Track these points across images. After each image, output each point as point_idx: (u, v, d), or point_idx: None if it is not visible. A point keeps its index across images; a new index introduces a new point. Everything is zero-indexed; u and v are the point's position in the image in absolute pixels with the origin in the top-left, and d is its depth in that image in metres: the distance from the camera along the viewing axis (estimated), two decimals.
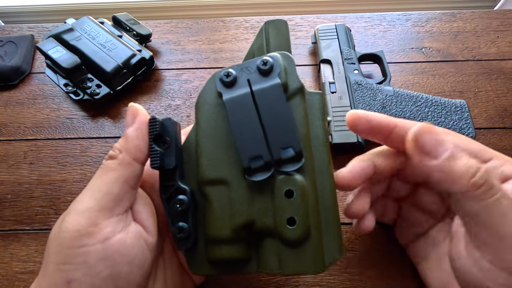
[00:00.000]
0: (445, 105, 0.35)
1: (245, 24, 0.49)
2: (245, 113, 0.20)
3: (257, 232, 0.21)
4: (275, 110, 0.20)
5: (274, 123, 0.20)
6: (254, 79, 0.21)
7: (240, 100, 0.21)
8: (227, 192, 0.21)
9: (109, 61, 0.39)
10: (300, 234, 0.19)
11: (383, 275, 0.30)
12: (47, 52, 0.38)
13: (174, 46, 0.47)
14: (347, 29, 0.43)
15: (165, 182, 0.22)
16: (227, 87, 0.22)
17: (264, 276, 0.30)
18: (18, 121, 0.41)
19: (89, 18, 0.44)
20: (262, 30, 0.25)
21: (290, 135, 0.20)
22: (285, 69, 0.22)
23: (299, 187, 0.20)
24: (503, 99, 0.40)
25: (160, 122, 0.22)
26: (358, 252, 0.31)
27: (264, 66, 0.21)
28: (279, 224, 0.20)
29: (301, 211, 0.20)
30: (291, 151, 0.20)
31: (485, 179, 0.18)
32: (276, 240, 0.20)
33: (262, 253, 0.21)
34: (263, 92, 0.21)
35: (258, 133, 0.20)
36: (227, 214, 0.21)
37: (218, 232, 0.21)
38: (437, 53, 0.44)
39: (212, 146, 0.22)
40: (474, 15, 0.47)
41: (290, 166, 0.20)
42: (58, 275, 0.18)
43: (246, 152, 0.20)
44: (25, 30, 0.49)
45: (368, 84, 0.38)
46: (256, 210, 0.20)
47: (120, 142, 0.22)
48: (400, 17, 0.48)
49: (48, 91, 0.43)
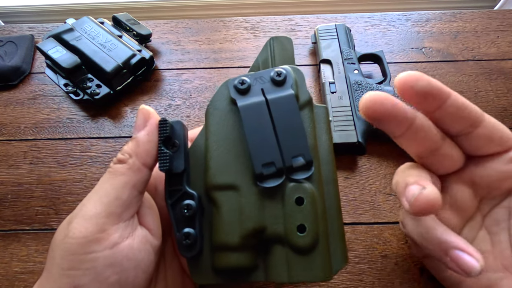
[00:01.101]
0: None
1: (245, 24, 0.49)
2: (259, 120, 0.21)
3: (266, 239, 0.21)
4: (288, 119, 0.21)
5: (287, 131, 0.21)
6: (267, 88, 0.22)
7: (255, 107, 0.21)
8: (237, 197, 0.21)
9: (109, 61, 0.39)
10: (310, 241, 0.20)
11: (383, 275, 0.30)
12: (47, 52, 0.38)
13: (174, 46, 0.47)
14: (347, 29, 0.43)
15: (172, 186, 0.22)
16: (241, 94, 0.22)
17: None
18: (18, 121, 0.41)
19: (89, 18, 0.44)
20: (267, 45, 0.26)
21: (301, 144, 0.20)
22: (296, 81, 0.23)
23: (309, 195, 0.20)
24: (503, 99, 0.40)
25: (170, 124, 0.22)
26: (358, 252, 0.31)
27: (278, 77, 0.22)
28: (289, 231, 0.20)
29: (311, 218, 0.20)
30: (302, 160, 0.20)
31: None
32: (285, 248, 0.20)
33: (271, 261, 0.21)
34: (277, 101, 0.21)
35: (271, 140, 0.21)
36: (237, 220, 0.20)
37: (227, 239, 0.20)
38: (437, 53, 0.44)
39: (223, 151, 0.22)
40: (474, 15, 0.47)
41: (301, 174, 0.21)
42: (64, 281, 0.18)
43: (259, 158, 0.20)
44: (25, 30, 0.49)
45: (368, 84, 0.38)
46: (266, 216, 0.21)
47: (130, 145, 0.21)
48: (400, 17, 0.48)
49: (48, 91, 0.43)
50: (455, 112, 0.19)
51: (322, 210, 0.21)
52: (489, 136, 0.21)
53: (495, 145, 0.21)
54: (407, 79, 0.19)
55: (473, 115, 0.20)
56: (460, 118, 0.20)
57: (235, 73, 0.44)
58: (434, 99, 0.19)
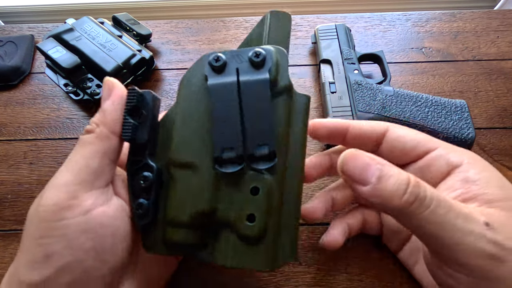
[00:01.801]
0: (445, 105, 0.35)
1: (245, 24, 0.49)
2: (227, 102, 0.20)
3: (217, 222, 0.21)
4: (257, 105, 0.20)
5: (254, 118, 0.20)
6: (243, 69, 0.21)
7: (225, 88, 0.20)
8: (194, 177, 0.21)
9: (109, 61, 0.39)
10: (257, 231, 0.20)
11: (383, 275, 0.30)
12: (47, 52, 0.38)
13: (174, 46, 0.47)
14: (347, 29, 0.43)
15: (134, 156, 0.22)
16: (214, 72, 0.21)
17: (264, 276, 0.30)
18: (18, 121, 0.41)
19: (89, 18, 0.44)
20: (264, 19, 0.24)
21: (267, 134, 0.20)
22: (277, 64, 0.21)
23: (266, 186, 0.20)
24: (503, 99, 0.40)
25: (139, 94, 0.22)
26: (358, 252, 0.31)
27: (256, 58, 0.20)
28: (238, 219, 0.20)
29: (263, 209, 0.20)
30: (266, 149, 0.20)
31: (416, 193, 0.17)
32: (233, 234, 0.20)
33: (218, 244, 0.21)
34: (250, 85, 0.20)
35: (236, 125, 0.20)
36: (189, 199, 0.21)
37: (177, 215, 0.20)
38: (437, 53, 0.44)
39: (188, 127, 0.21)
40: (474, 15, 0.47)
41: (262, 164, 0.20)
42: (36, 250, 0.17)
43: (220, 141, 0.20)
44: (25, 30, 0.49)
45: (368, 84, 0.38)
46: (220, 200, 0.20)
47: (97, 116, 0.21)
48: (400, 17, 0.48)
49: (48, 91, 0.43)
50: (356, 139, 0.23)
51: (277, 203, 0.20)
52: (390, 150, 0.23)
53: (400, 157, 0.23)
54: (312, 129, 0.24)
55: (373, 137, 0.23)
56: (361, 143, 0.23)
57: None
58: (336, 137, 0.24)
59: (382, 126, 0.23)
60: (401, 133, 0.23)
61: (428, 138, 0.22)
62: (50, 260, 0.17)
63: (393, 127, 0.23)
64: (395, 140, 0.23)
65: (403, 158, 0.23)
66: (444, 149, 0.21)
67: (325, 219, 0.33)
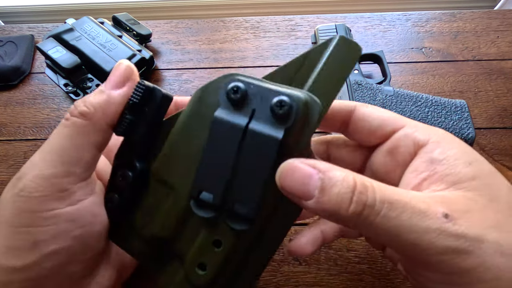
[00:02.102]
0: (445, 105, 0.35)
1: (245, 24, 0.49)
2: (224, 146, 0.18)
3: (172, 251, 0.20)
4: (256, 163, 0.17)
5: (247, 174, 0.17)
6: (261, 113, 0.17)
7: (229, 128, 0.17)
8: (168, 199, 0.20)
9: (109, 61, 0.39)
10: (203, 282, 0.19)
11: (383, 275, 0.30)
12: (47, 52, 0.38)
13: (174, 46, 0.47)
14: (347, 29, 0.43)
15: (123, 149, 0.21)
16: (229, 102, 0.18)
17: (264, 276, 0.30)
18: (18, 121, 0.41)
19: (89, 18, 0.44)
20: (329, 42, 0.20)
21: (254, 197, 0.17)
22: (305, 121, 0.18)
23: (230, 245, 0.18)
24: (503, 99, 0.40)
25: (148, 89, 0.20)
26: (358, 252, 0.31)
27: (278, 109, 0.17)
28: (191, 262, 0.19)
29: (217, 264, 0.19)
30: (245, 211, 0.18)
31: (364, 201, 0.15)
32: (181, 270, 0.20)
33: (168, 268, 0.20)
34: (257, 137, 0.17)
35: (224, 173, 0.18)
36: (156, 218, 0.20)
37: (141, 226, 0.20)
38: (437, 53, 0.44)
39: (182, 146, 0.20)
40: (474, 15, 0.47)
41: (236, 223, 0.18)
42: (19, 237, 0.17)
43: (201, 182, 0.18)
44: (25, 30, 0.49)
45: (368, 84, 0.38)
46: (182, 233, 0.20)
47: (98, 99, 0.19)
48: (400, 17, 0.48)
49: (48, 91, 0.43)
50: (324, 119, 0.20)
51: (237, 264, 0.19)
52: (357, 131, 0.21)
53: (367, 138, 0.21)
54: None
55: (339, 116, 0.22)
56: (329, 124, 0.22)
57: None
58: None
59: (349, 105, 0.21)
60: (366, 112, 0.21)
61: (394, 116, 0.21)
62: (37, 248, 0.17)
63: (360, 105, 0.21)
64: (361, 120, 0.21)
65: (370, 139, 0.21)
66: (410, 127, 0.20)
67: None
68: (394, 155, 0.20)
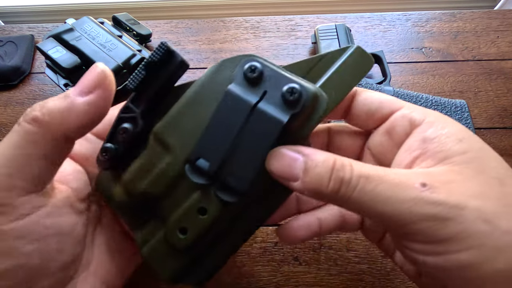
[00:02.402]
0: (445, 105, 0.35)
1: (245, 24, 0.49)
2: (231, 118, 0.18)
3: (155, 211, 0.20)
4: (257, 141, 0.18)
5: (246, 150, 0.18)
6: (271, 96, 0.18)
7: (239, 103, 0.18)
8: (164, 159, 0.20)
9: (109, 61, 0.39)
10: (182, 246, 0.19)
11: (383, 274, 0.30)
12: (47, 52, 0.38)
13: (174, 46, 0.46)
14: (347, 29, 0.43)
15: (131, 103, 0.20)
16: (244, 79, 0.18)
17: (264, 276, 0.30)
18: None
19: (89, 18, 0.44)
20: (347, 51, 0.21)
21: (247, 172, 0.18)
22: (311, 112, 0.19)
23: (215, 215, 0.19)
24: (503, 99, 0.40)
25: (168, 51, 0.20)
26: (358, 252, 0.31)
27: (289, 95, 0.17)
28: (173, 224, 0.19)
29: (199, 231, 0.19)
30: (237, 184, 0.18)
31: (340, 177, 0.16)
32: (163, 231, 0.20)
33: (146, 227, 0.21)
34: (263, 116, 0.18)
35: (225, 142, 0.18)
36: (148, 175, 0.20)
37: (130, 181, 0.20)
38: (437, 53, 0.44)
39: (189, 112, 0.20)
40: (474, 15, 0.47)
41: (226, 194, 0.19)
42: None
43: (201, 148, 0.19)
44: (25, 30, 0.49)
45: (368, 84, 0.38)
46: (170, 195, 0.20)
47: (57, 104, 0.16)
48: (400, 17, 0.48)
49: (48, 91, 0.43)
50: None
51: (217, 233, 0.20)
52: (357, 115, 0.22)
53: (366, 121, 0.22)
54: None
55: (341, 105, 0.21)
56: (333, 112, 0.21)
57: None
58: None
59: (352, 91, 0.22)
60: (366, 95, 0.21)
61: (392, 98, 0.21)
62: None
63: (361, 90, 0.22)
64: (360, 103, 0.21)
65: (369, 123, 0.22)
66: (408, 108, 0.20)
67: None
68: (391, 135, 0.21)
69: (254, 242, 0.32)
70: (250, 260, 0.31)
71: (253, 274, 0.30)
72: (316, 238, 0.32)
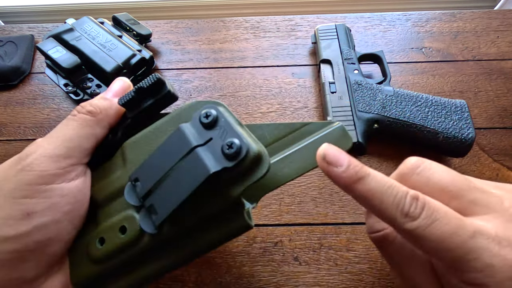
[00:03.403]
0: (445, 105, 0.35)
1: (245, 24, 0.49)
2: (171, 153, 0.19)
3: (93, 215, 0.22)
4: (183, 182, 0.18)
5: (171, 187, 0.19)
6: (215, 143, 0.19)
7: (182, 141, 0.19)
8: (117, 171, 0.22)
9: (109, 61, 0.39)
10: (95, 255, 0.20)
11: (383, 275, 0.30)
12: (47, 52, 0.38)
13: (174, 46, 0.47)
14: (347, 29, 0.43)
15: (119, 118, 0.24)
16: (199, 122, 0.20)
17: (264, 276, 0.30)
18: (18, 121, 0.41)
19: (89, 18, 0.43)
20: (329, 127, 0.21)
21: (164, 210, 0.19)
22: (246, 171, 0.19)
23: (131, 238, 0.20)
24: (503, 99, 0.40)
25: (160, 82, 0.22)
26: (358, 252, 0.31)
27: (226, 148, 0.18)
28: (96, 232, 0.21)
29: (114, 247, 0.20)
30: (155, 215, 0.19)
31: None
32: (86, 237, 0.21)
33: (83, 229, 0.22)
34: (195, 160, 0.18)
35: (158, 174, 0.19)
36: (98, 181, 0.22)
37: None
38: (437, 53, 0.44)
39: (152, 137, 0.22)
40: (474, 15, 0.47)
41: (146, 223, 0.19)
42: (15, 208, 0.19)
43: (141, 171, 0.20)
44: (25, 30, 0.49)
45: (368, 84, 0.38)
46: (108, 205, 0.22)
47: (103, 103, 0.23)
48: (400, 17, 0.48)
49: (48, 91, 0.43)
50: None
51: (129, 261, 0.20)
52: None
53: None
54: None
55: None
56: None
57: (235, 73, 0.44)
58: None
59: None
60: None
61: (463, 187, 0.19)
62: (30, 218, 0.19)
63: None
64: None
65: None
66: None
67: (325, 220, 0.33)
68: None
69: (254, 242, 0.32)
70: (250, 260, 0.31)
71: (253, 274, 0.30)
72: (316, 238, 0.32)
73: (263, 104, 0.41)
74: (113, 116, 0.23)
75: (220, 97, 0.42)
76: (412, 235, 0.17)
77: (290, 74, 0.43)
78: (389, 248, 0.22)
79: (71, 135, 0.21)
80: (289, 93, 0.42)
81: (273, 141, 0.22)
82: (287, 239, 0.32)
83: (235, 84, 0.43)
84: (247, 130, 0.20)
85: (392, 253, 0.22)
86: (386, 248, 0.22)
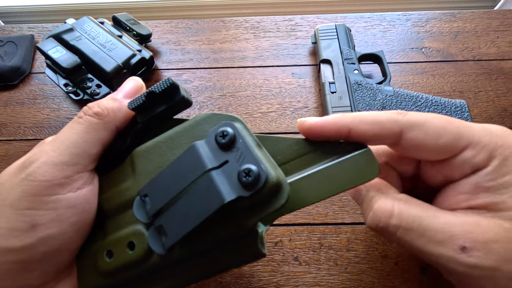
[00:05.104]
0: (445, 105, 0.35)
1: (245, 24, 0.49)
2: (185, 173, 0.18)
3: (103, 223, 0.21)
4: (196, 207, 0.17)
5: (183, 210, 0.18)
6: (231, 167, 0.17)
7: (196, 161, 0.18)
8: (127, 181, 0.21)
9: (109, 61, 0.39)
10: (103, 268, 0.20)
11: (383, 275, 0.30)
12: (47, 52, 0.38)
13: (174, 46, 0.47)
14: (347, 29, 0.43)
15: (129, 123, 0.22)
16: (215, 141, 0.18)
17: (264, 276, 0.30)
18: (18, 121, 0.41)
19: (89, 18, 0.44)
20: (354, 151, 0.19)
21: (175, 234, 0.18)
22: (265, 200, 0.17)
23: (139, 256, 0.19)
24: (503, 99, 0.40)
25: (173, 87, 0.20)
26: (358, 252, 0.31)
27: (243, 176, 0.17)
28: (105, 244, 0.20)
29: (122, 262, 0.19)
30: (166, 237, 0.18)
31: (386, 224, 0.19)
32: (99, 243, 0.21)
33: (90, 238, 0.21)
34: (210, 185, 0.17)
35: (170, 194, 0.18)
36: (106, 190, 0.21)
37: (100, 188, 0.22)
38: (437, 53, 0.44)
39: (165, 148, 0.21)
40: (474, 15, 0.47)
41: (155, 242, 0.18)
42: (20, 219, 0.18)
43: (151, 188, 0.19)
44: (25, 30, 0.49)
45: (368, 84, 0.38)
46: (116, 216, 0.21)
47: (111, 104, 0.21)
48: (400, 17, 0.48)
49: (48, 91, 0.43)
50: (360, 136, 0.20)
51: (136, 276, 0.20)
52: (408, 152, 0.20)
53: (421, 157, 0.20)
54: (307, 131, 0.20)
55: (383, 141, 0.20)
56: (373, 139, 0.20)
57: (235, 73, 0.44)
58: (336, 138, 0.20)
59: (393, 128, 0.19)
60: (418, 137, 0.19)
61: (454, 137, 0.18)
62: (35, 230, 0.18)
63: (408, 129, 0.19)
64: (413, 146, 0.19)
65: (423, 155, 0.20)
66: (472, 148, 0.18)
67: (325, 220, 0.33)
68: (447, 176, 0.20)
69: None
70: None
71: (253, 274, 0.30)
72: (316, 238, 0.32)
73: (263, 104, 0.41)
74: (121, 119, 0.21)
75: (220, 97, 0.42)
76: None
77: (290, 74, 0.43)
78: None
79: (76, 140, 0.20)
80: (289, 93, 0.42)
81: (291, 159, 0.20)
82: (287, 239, 0.32)
83: (235, 84, 0.43)
84: (265, 153, 0.18)
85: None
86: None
